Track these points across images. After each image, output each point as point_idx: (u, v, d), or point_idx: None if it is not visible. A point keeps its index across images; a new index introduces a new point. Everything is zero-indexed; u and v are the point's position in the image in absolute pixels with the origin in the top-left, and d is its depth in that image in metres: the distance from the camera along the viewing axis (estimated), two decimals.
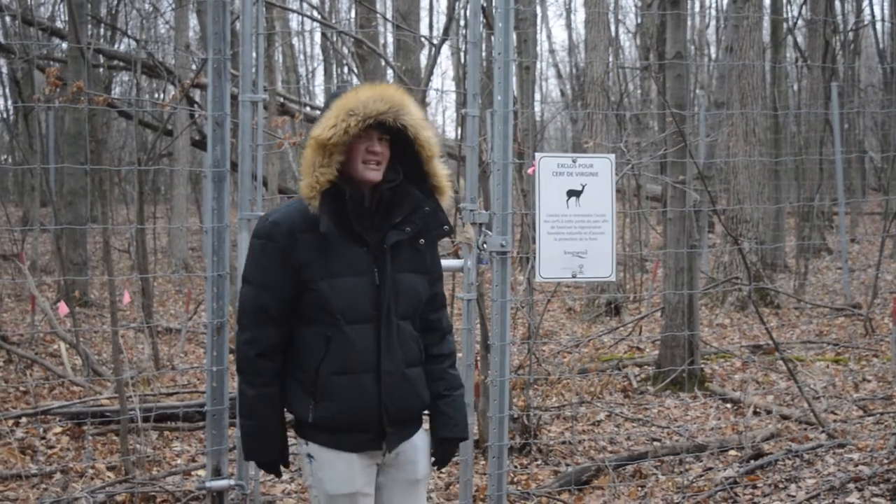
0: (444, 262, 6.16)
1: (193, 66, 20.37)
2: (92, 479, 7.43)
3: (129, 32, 24.99)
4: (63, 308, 10.41)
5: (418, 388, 4.04)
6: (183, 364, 11.91)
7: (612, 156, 5.88)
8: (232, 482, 5.07)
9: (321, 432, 3.98)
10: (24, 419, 8.82)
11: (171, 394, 9.94)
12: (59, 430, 8.61)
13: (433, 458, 4.19)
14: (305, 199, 3.88)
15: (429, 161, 3.99)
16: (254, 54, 5.14)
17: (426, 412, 4.19)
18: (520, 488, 7.28)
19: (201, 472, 7.30)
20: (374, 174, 3.92)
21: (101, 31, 24.96)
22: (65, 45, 19.00)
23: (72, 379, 10.37)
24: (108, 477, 7.49)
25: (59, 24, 22.24)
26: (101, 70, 21.34)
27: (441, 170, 4.03)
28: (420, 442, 4.17)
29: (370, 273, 3.91)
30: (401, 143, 3.97)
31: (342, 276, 3.88)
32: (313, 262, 3.88)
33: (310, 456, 4.04)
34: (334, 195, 3.88)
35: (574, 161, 5.78)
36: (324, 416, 3.93)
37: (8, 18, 22.80)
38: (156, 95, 28.49)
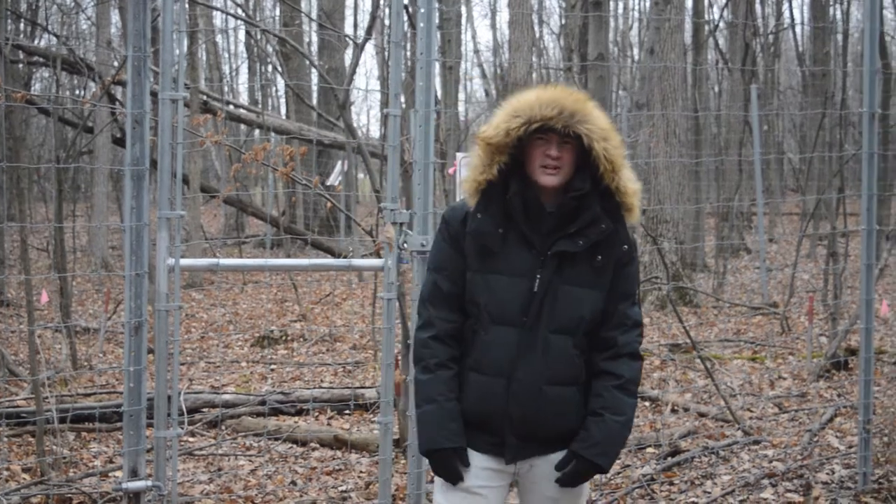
0: (365, 262, 6.17)
1: (115, 63, 20.11)
2: (7, 480, 7.32)
3: (50, 28, 24.60)
4: None
5: (560, 408, 3.84)
6: (101, 364, 11.78)
7: None
8: (149, 483, 5.04)
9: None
10: None
11: (90, 394, 9.84)
12: None
13: (556, 468, 3.88)
14: (466, 195, 3.88)
15: (607, 175, 3.78)
16: (175, 52, 5.10)
17: None
18: None
19: (118, 474, 7.22)
20: (549, 179, 3.78)
21: (21, 26, 24.59)
22: None
23: None
24: (24, 479, 7.38)
25: None
26: (21, 66, 21.02)
27: (628, 185, 3.82)
28: None
29: (530, 278, 3.79)
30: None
31: (497, 274, 3.81)
32: (473, 254, 3.84)
33: None
34: (495, 195, 3.83)
35: None
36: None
37: None
38: (76, 92, 28.14)
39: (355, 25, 38.01)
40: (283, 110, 37.22)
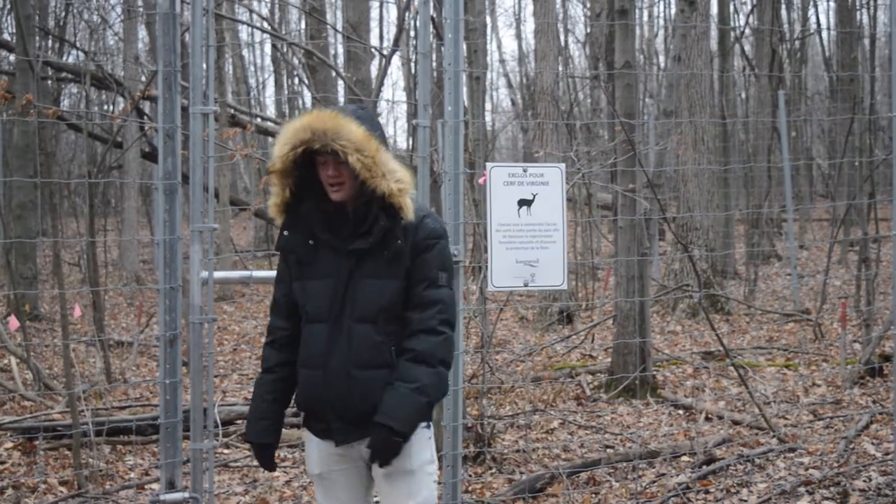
0: None
1: (143, 78, 20.23)
2: (44, 493, 7.38)
3: (78, 44, 24.79)
4: (13, 322, 10.31)
5: (371, 390, 4.13)
6: (135, 377, 11.84)
7: (562, 165, 5.92)
8: (186, 495, 5.07)
9: (303, 416, 4.39)
10: None
11: (124, 407, 9.88)
12: (10, 445, 8.53)
13: (367, 447, 4.19)
14: (274, 217, 4.30)
15: (368, 181, 4.10)
16: (204, 66, 5.13)
17: None
18: (475, 497, 7.30)
19: (154, 486, 7.26)
20: (336, 195, 4.17)
21: (50, 42, 24.80)
22: (12, 58, 18.83)
23: (23, 393, 10.28)
24: (61, 492, 7.43)
25: (6, 37, 22.05)
26: (50, 82, 21.20)
27: (387, 186, 4.12)
28: None
29: (335, 277, 4.18)
30: None
31: (311, 279, 4.22)
32: (293, 265, 4.28)
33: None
34: (295, 212, 4.25)
35: (525, 171, 5.82)
36: (297, 402, 4.35)
37: None
38: (105, 107, 28.32)
39: (381, 37, 38.04)
40: None
